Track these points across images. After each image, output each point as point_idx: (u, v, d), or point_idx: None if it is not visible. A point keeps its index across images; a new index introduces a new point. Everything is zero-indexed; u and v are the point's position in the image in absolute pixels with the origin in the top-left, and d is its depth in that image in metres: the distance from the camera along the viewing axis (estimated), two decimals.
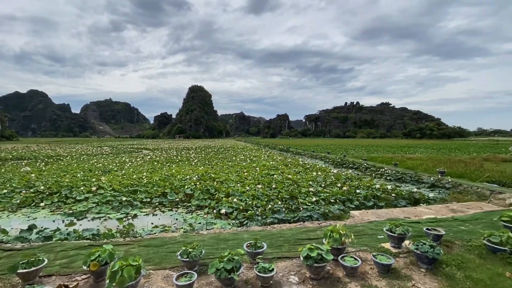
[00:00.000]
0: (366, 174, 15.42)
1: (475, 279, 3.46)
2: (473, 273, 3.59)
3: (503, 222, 4.81)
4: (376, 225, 5.52)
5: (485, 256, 4.05)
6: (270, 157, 24.42)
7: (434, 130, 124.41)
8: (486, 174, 11.67)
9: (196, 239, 4.88)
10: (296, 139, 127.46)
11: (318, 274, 3.66)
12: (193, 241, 4.43)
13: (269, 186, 10.07)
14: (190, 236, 5.17)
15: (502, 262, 3.87)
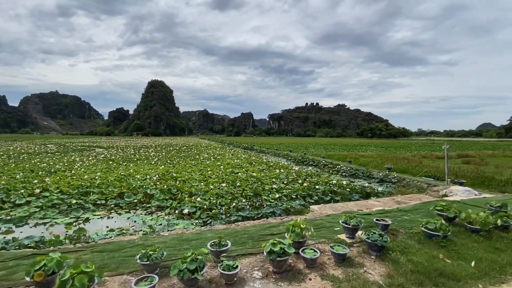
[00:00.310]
0: (324, 170, 16.35)
1: (415, 262, 3.93)
2: (414, 257, 4.08)
3: (437, 211, 5.54)
4: (333, 218, 5.91)
5: (423, 241, 4.62)
6: (235, 155, 24.41)
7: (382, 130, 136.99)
8: (424, 169, 13.29)
9: (157, 241, 4.69)
10: (260, 138, 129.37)
11: (280, 267, 3.80)
12: (153, 244, 4.25)
13: (234, 184, 10.08)
14: (150, 239, 4.94)
15: (436, 245, 4.46)
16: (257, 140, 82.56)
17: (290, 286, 3.50)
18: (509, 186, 9.56)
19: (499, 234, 4.81)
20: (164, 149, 33.64)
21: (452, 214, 5.21)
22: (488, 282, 3.58)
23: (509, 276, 3.71)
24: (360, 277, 3.64)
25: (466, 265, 3.90)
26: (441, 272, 3.70)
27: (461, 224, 5.14)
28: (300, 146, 41.03)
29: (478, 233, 4.79)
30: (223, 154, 24.92)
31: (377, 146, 45.74)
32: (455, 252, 4.25)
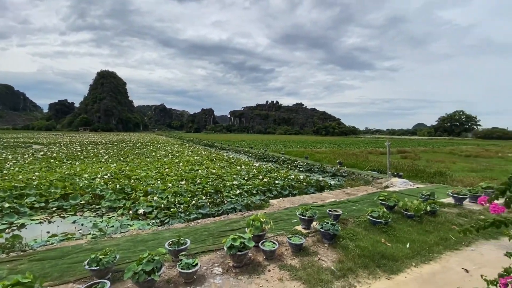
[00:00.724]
0: (283, 166, 16.96)
1: (362, 247, 4.36)
2: (361, 243, 4.51)
3: (380, 201, 6.20)
4: (291, 211, 6.19)
5: (368, 228, 5.13)
6: (195, 152, 23.78)
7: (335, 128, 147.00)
8: (370, 164, 14.70)
9: (108, 244, 4.37)
10: (221, 134, 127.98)
11: (240, 261, 3.87)
12: (104, 247, 3.95)
13: (193, 182, 9.85)
14: (101, 242, 4.58)
15: (379, 231, 5.00)
16: (218, 136, 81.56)
17: (250, 279, 3.59)
18: (436, 177, 11.16)
19: (428, 219, 5.60)
20: (116, 145, 31.13)
21: (392, 203, 5.89)
22: (420, 260, 4.15)
23: (436, 254, 4.35)
24: (315, 265, 3.90)
25: (403, 247, 4.46)
26: (383, 254, 4.17)
27: (399, 211, 5.83)
28: (260, 143, 41.75)
29: (412, 219, 5.50)
30: (182, 151, 24.07)
31: (331, 143, 48.91)
32: (394, 236, 4.83)
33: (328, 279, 3.57)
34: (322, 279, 3.54)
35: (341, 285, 3.47)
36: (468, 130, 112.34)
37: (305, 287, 3.42)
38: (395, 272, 3.79)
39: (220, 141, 45.36)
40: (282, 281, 3.53)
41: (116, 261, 3.53)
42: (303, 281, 3.52)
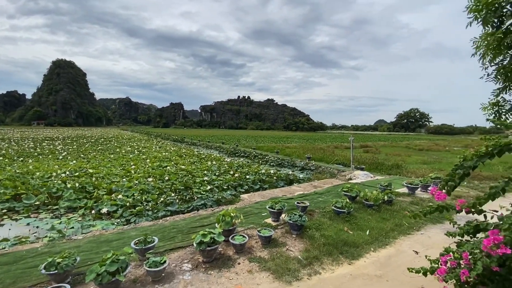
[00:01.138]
0: (254, 161, 17.14)
1: (327, 236, 4.63)
2: (326, 232, 4.79)
3: (344, 192, 6.60)
4: (261, 205, 6.32)
5: (333, 218, 5.45)
6: (163, 148, 22.94)
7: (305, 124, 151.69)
8: (335, 158, 15.51)
9: (68, 247, 4.10)
10: (192, 130, 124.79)
11: (210, 256, 3.89)
12: (63, 250, 3.70)
13: (162, 179, 9.54)
14: (59, 245, 4.28)
15: (343, 220, 5.34)
16: (188, 132, 79.46)
17: (219, 273, 3.64)
18: (393, 169, 12.17)
19: (386, 207, 6.11)
20: (75, 141, 28.80)
21: (354, 194, 6.31)
22: (377, 245, 4.52)
23: (391, 239, 4.78)
24: (283, 255, 4.06)
25: (363, 234, 4.82)
26: (346, 241, 4.48)
27: (360, 201, 6.27)
28: (232, 138, 41.58)
29: (372, 208, 5.96)
30: (149, 147, 23.08)
31: (300, 138, 50.43)
32: (356, 224, 5.20)
33: (295, 267, 3.75)
34: (290, 268, 3.70)
35: (307, 273, 3.67)
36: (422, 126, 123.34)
37: (274, 277, 3.55)
38: (356, 257, 4.10)
39: (190, 136, 44.27)
40: (252, 273, 3.63)
41: (76, 264, 3.34)
42: (271, 271, 3.66)
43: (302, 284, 3.44)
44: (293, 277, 3.55)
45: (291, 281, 3.48)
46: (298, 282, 3.47)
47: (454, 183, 2.14)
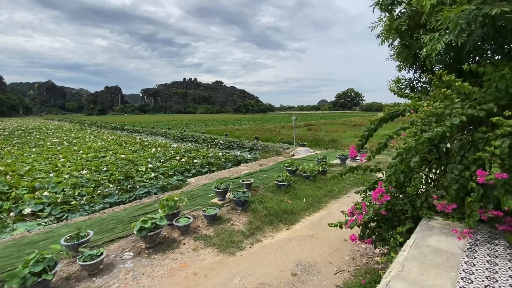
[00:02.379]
0: (203, 145, 16.89)
1: (269, 207, 4.99)
2: (268, 204, 5.15)
3: (285, 167, 7.09)
4: (208, 187, 6.39)
5: (275, 191, 5.86)
6: (99, 137, 20.72)
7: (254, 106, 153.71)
8: (281, 137, 16.34)
9: None
10: (133, 116, 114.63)
11: (154, 241, 3.85)
12: None
13: (98, 170, 8.74)
14: None
15: (283, 192, 5.80)
16: (130, 118, 72.94)
17: (164, 255, 3.65)
18: (330, 144, 13.48)
19: (321, 177, 6.81)
20: None
21: (294, 168, 6.84)
22: (312, 210, 5.08)
23: (323, 204, 5.41)
24: (228, 230, 4.27)
25: (300, 202, 5.34)
26: (285, 210, 4.91)
27: (299, 174, 6.85)
28: (180, 123, 39.79)
29: (309, 179, 6.57)
30: (82, 137, 20.59)
31: (250, 120, 51.12)
32: (295, 195, 5.70)
33: (239, 239, 3.99)
34: (234, 241, 3.93)
35: (249, 242, 3.96)
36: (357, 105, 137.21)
37: (218, 250, 3.74)
38: (293, 223, 4.56)
39: (132, 123, 40.80)
40: (197, 250, 3.74)
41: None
42: (216, 246, 3.83)
43: (245, 252, 3.70)
44: (237, 248, 3.80)
45: (235, 252, 3.71)
46: (241, 251, 3.73)
47: (362, 142, 2.55)
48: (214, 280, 3.14)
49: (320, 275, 3.18)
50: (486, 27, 1.82)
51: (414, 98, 2.44)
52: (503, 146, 1.55)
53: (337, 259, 3.51)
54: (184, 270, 3.33)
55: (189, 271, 3.31)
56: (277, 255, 3.63)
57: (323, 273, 3.23)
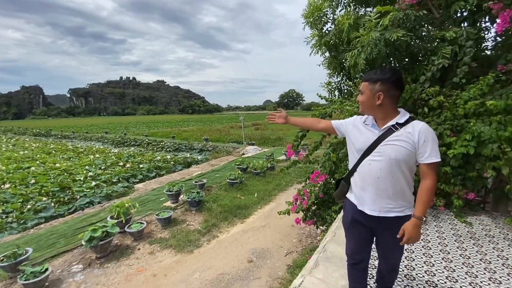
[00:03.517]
0: (148, 149, 16.03)
1: (223, 205, 5.23)
2: (222, 201, 5.39)
3: (237, 166, 7.43)
4: (158, 191, 6.28)
5: (228, 189, 6.13)
6: (19, 145, 17.71)
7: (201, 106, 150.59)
8: (230, 137, 16.69)
9: None
10: (60, 119, 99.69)
11: (105, 250, 3.72)
12: None
13: (25, 183, 7.64)
14: None
15: (236, 189, 6.11)
16: (56, 122, 63.41)
17: (118, 263, 3.58)
18: (277, 142, 14.43)
19: (269, 173, 7.35)
20: None
21: (245, 166, 7.23)
22: (263, 203, 5.52)
23: (273, 196, 5.91)
24: (184, 230, 4.37)
25: (252, 197, 5.73)
26: (239, 206, 5.23)
27: (250, 171, 7.26)
28: (118, 126, 36.52)
29: (259, 175, 7.04)
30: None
31: (197, 121, 50.04)
32: (247, 191, 6.08)
33: (195, 238, 4.14)
34: (191, 240, 4.07)
35: (206, 239, 4.15)
36: (298, 104, 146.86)
37: (176, 251, 3.83)
38: (247, 216, 4.91)
39: (60, 128, 35.73)
40: (153, 253, 3.77)
41: None
42: (173, 247, 3.92)
43: (203, 249, 3.89)
44: (195, 246, 3.95)
45: (193, 249, 3.86)
46: (199, 248, 3.90)
47: (298, 142, 3.02)
48: (174, 278, 3.25)
49: (273, 258, 3.59)
50: (389, 47, 2.45)
51: (338, 101, 3.03)
52: None
53: (286, 243, 3.99)
54: (142, 274, 3.35)
55: (148, 273, 3.35)
56: (234, 247, 3.92)
57: (276, 256, 3.65)
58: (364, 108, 1.50)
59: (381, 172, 1.42)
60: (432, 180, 1.38)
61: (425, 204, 1.39)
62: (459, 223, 2.48)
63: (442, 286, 1.80)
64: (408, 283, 1.86)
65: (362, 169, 1.50)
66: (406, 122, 1.42)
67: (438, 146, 1.39)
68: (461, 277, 1.89)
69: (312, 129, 1.95)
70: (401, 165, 1.40)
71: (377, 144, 1.44)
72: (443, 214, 2.65)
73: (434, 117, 2.28)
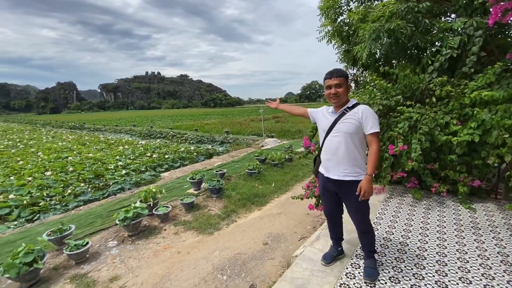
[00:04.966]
0: (173, 141, 16.79)
1: (241, 193, 5.50)
2: (241, 190, 5.66)
3: (255, 157, 7.65)
4: (183, 179, 6.70)
5: (247, 179, 6.39)
6: (58, 137, 19.38)
7: (222, 100, 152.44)
8: (250, 130, 16.93)
9: None
10: (92, 113, 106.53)
11: (136, 229, 4.15)
12: None
13: (64, 171, 8.49)
14: None
15: (254, 179, 6.35)
16: (88, 116, 67.91)
17: (147, 240, 3.99)
18: (297, 134, 14.41)
19: (287, 164, 7.50)
20: None
21: (263, 157, 7.43)
22: (280, 192, 5.71)
23: (290, 186, 6.07)
24: (205, 214, 4.70)
25: (270, 186, 5.94)
26: (256, 194, 5.47)
27: (268, 162, 7.46)
28: (145, 120, 38.29)
29: (277, 166, 7.22)
30: (37, 138, 19.08)
31: (219, 114, 50.93)
32: (264, 180, 6.29)
33: (216, 222, 4.46)
34: (211, 223, 4.39)
35: (225, 223, 4.45)
36: (321, 96, 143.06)
37: (198, 232, 4.17)
38: (264, 204, 5.14)
39: (92, 121, 38.30)
40: (178, 234, 4.14)
41: None
42: (195, 229, 4.26)
43: (222, 232, 4.19)
44: (215, 228, 4.26)
45: (213, 232, 4.18)
46: (219, 231, 4.21)
47: (313, 133, 3.15)
48: (196, 255, 3.58)
49: (287, 242, 3.80)
50: (391, 38, 2.48)
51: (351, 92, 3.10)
52: (404, 127, 2.22)
53: (301, 229, 4.17)
54: (168, 251, 3.72)
55: (173, 250, 3.71)
56: (251, 231, 4.18)
57: (289, 240, 3.85)
58: (341, 98, 1.93)
59: (338, 144, 1.88)
60: (376, 145, 1.78)
61: (373, 163, 1.77)
62: (463, 211, 2.51)
63: (430, 268, 1.90)
64: (399, 255, 1.99)
65: (326, 144, 1.98)
66: (353, 106, 1.90)
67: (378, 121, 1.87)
68: (451, 261, 1.97)
69: (292, 113, 2.54)
70: (352, 137, 1.85)
71: (335, 124, 1.92)
72: (449, 201, 2.67)
73: (441, 106, 2.30)
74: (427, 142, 2.35)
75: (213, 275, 3.10)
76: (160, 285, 2.99)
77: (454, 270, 1.84)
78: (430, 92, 2.36)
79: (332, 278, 1.97)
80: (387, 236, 2.34)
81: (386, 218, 2.27)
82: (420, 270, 1.89)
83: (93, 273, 3.26)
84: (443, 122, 2.19)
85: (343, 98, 1.92)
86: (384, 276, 1.93)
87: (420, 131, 2.34)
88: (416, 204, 2.96)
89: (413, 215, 2.50)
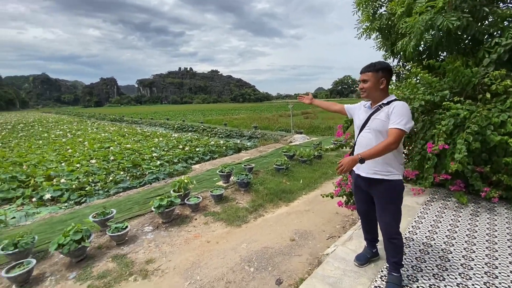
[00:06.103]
0: (203, 134, 17.34)
1: (269, 188, 5.53)
2: (268, 185, 5.69)
3: (283, 153, 7.61)
4: (212, 172, 6.91)
5: (275, 174, 6.40)
6: (101, 128, 21.08)
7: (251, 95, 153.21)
8: (278, 125, 16.82)
9: (17, 232, 4.08)
10: (130, 107, 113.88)
11: (169, 217, 4.39)
12: (14, 235, 3.73)
13: (106, 159, 9.22)
14: (7, 232, 4.21)
15: (282, 175, 6.33)
16: (127, 110, 72.71)
17: (179, 228, 4.20)
18: (326, 131, 14.01)
19: (316, 161, 7.34)
20: None
21: (292, 153, 7.36)
22: (308, 190, 5.63)
23: (318, 184, 5.95)
24: (233, 207, 4.81)
25: (297, 183, 5.88)
26: (284, 190, 5.45)
27: (296, 159, 7.37)
28: (178, 114, 39.98)
29: (305, 163, 7.10)
30: (84, 129, 20.94)
31: (247, 109, 51.30)
32: (292, 177, 6.24)
33: (243, 214, 4.54)
34: (239, 216, 4.48)
35: (253, 217, 4.51)
36: (354, 92, 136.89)
37: (226, 224, 4.28)
38: (291, 200, 5.11)
39: (130, 114, 40.94)
40: (207, 224, 4.29)
41: (35, 242, 3.48)
42: (224, 220, 4.38)
43: (250, 224, 4.26)
44: (242, 221, 4.35)
45: (241, 224, 4.26)
46: (246, 224, 4.28)
47: (347, 124, 3.06)
48: (224, 246, 3.69)
49: (315, 240, 3.75)
50: (442, 30, 2.27)
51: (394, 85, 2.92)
52: (448, 124, 2.04)
53: (329, 228, 4.08)
54: (198, 239, 3.88)
55: (203, 240, 3.86)
56: (278, 226, 4.19)
57: (317, 238, 3.79)
58: (368, 94, 1.86)
59: (369, 141, 1.80)
60: (389, 140, 1.66)
61: (373, 151, 1.67)
62: None
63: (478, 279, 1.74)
64: (441, 263, 1.85)
65: (359, 140, 1.92)
66: (388, 103, 1.78)
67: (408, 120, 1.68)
68: (503, 274, 1.77)
69: (328, 110, 2.54)
70: (383, 134, 1.75)
71: (368, 120, 1.85)
72: (501, 208, 2.40)
73: (497, 103, 2.04)
74: (477, 142, 2.12)
75: (240, 266, 3.18)
76: (191, 271, 3.14)
77: (506, 284, 1.67)
78: (484, 87, 2.11)
79: (366, 280, 1.91)
80: (427, 241, 2.19)
81: (427, 222, 2.12)
82: (466, 280, 1.74)
83: (131, 254, 3.52)
84: (498, 121, 1.96)
85: (371, 93, 1.85)
86: (424, 284, 1.82)
87: (468, 130, 2.12)
88: (461, 209, 2.71)
89: (458, 221, 2.29)
